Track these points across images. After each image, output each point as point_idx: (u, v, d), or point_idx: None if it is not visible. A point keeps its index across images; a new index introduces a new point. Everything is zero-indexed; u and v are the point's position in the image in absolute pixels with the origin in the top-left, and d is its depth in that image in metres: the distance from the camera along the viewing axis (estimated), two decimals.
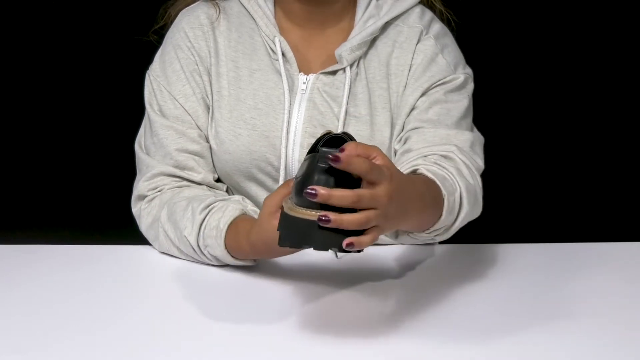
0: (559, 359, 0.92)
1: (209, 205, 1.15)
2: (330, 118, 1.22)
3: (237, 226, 1.11)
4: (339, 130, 1.20)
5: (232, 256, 1.12)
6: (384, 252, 1.22)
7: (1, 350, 0.92)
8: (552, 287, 1.10)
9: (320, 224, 0.86)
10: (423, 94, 1.23)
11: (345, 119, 1.21)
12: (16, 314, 1.01)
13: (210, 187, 1.24)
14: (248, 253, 1.10)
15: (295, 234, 0.89)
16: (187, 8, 1.29)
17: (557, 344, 0.94)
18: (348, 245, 0.86)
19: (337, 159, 0.85)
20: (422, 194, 0.99)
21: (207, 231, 1.13)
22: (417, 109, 1.23)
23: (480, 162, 1.19)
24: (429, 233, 1.07)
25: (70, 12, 2.48)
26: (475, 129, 1.26)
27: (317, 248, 0.88)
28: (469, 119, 1.25)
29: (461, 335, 0.96)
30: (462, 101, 1.24)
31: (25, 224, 2.47)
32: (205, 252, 1.14)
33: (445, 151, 1.15)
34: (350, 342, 0.95)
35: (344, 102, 1.21)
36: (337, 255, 1.19)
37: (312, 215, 0.87)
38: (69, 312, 1.02)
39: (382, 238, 1.24)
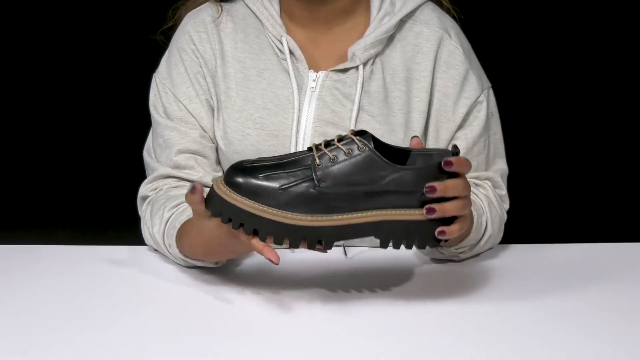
0: (559, 358, 0.92)
1: (177, 205, 1.16)
2: (341, 116, 1.21)
3: (185, 226, 1.11)
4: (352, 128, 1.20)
5: (185, 256, 1.12)
6: (386, 252, 1.22)
7: (1, 350, 0.92)
8: (551, 287, 1.10)
9: (428, 215, 0.94)
10: (464, 121, 1.24)
11: (357, 116, 1.21)
12: (16, 314, 1.01)
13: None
14: (191, 253, 1.10)
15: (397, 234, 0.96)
16: (193, 11, 1.29)
17: (557, 344, 0.94)
18: (440, 233, 0.95)
19: (450, 164, 0.94)
20: None
21: (167, 230, 1.13)
22: (459, 138, 1.24)
23: (505, 193, 1.27)
24: (456, 249, 1.15)
25: (78, 13, 2.48)
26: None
27: (413, 246, 0.96)
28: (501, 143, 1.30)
29: (461, 335, 0.97)
30: (498, 127, 1.28)
31: (25, 224, 2.47)
32: (171, 251, 1.14)
33: (478, 179, 1.24)
34: (352, 343, 0.95)
35: (357, 99, 1.21)
36: (345, 254, 1.20)
37: (416, 214, 0.94)
38: (69, 312, 1.02)
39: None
